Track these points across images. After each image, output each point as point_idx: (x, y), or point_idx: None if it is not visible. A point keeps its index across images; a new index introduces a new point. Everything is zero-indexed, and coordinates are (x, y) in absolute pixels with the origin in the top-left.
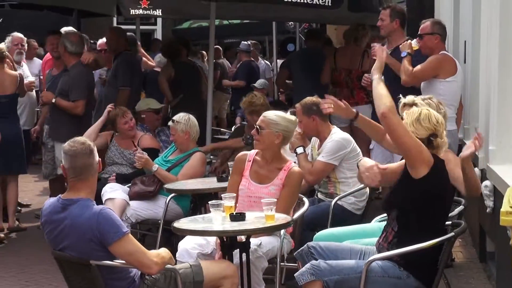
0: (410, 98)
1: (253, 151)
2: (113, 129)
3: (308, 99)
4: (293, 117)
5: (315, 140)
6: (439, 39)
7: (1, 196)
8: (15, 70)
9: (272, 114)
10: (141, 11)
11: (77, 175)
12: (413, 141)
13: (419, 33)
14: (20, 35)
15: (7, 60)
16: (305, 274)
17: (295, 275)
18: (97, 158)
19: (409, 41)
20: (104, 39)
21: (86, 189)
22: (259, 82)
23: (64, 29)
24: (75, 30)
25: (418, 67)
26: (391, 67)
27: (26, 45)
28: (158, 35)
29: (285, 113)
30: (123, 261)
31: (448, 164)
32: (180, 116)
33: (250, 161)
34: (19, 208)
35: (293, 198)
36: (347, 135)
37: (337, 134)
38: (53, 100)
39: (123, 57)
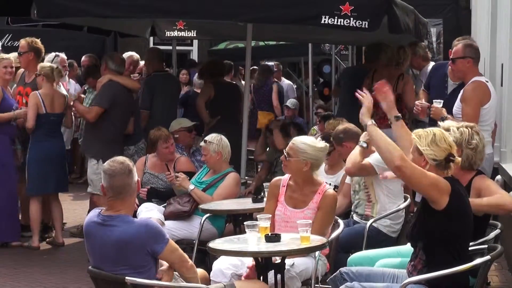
0: (447, 124)
1: (287, 176)
2: (152, 151)
3: (336, 128)
4: (322, 144)
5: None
6: (471, 63)
7: (41, 214)
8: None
9: (300, 142)
10: (176, 33)
11: (115, 194)
12: (430, 179)
13: (451, 57)
14: (64, 56)
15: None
16: None
17: None
18: (136, 177)
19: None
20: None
21: (125, 209)
22: (291, 102)
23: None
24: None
25: (465, 114)
26: None
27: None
28: (194, 55)
29: (314, 139)
30: (160, 283)
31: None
32: (213, 137)
33: (284, 186)
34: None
35: (328, 220)
36: None
37: None
38: (71, 103)
39: (149, 79)
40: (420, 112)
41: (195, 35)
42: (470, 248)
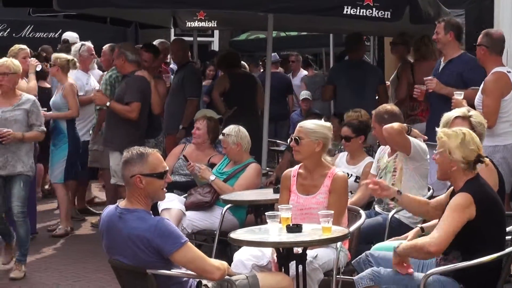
0: (463, 110)
1: (296, 166)
2: (187, 134)
3: (382, 107)
4: (328, 124)
5: (383, 150)
6: (486, 51)
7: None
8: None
9: (308, 123)
10: (197, 23)
11: (125, 184)
12: (459, 215)
13: (474, 44)
14: (91, 44)
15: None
16: (365, 278)
17: (354, 278)
18: (139, 171)
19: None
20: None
21: (139, 199)
22: (307, 93)
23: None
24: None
25: (485, 105)
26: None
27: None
28: (215, 46)
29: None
30: (181, 270)
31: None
32: (230, 129)
33: (294, 176)
34: (83, 217)
35: (342, 203)
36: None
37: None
38: (108, 104)
39: (189, 68)
40: (419, 95)
41: (215, 25)
42: None
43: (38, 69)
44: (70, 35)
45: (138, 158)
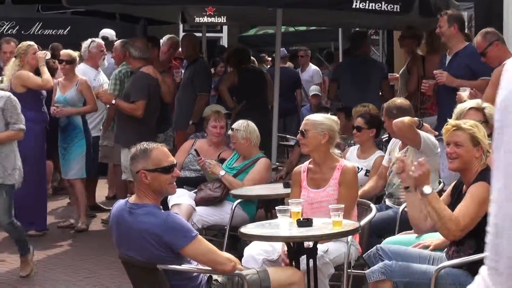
0: (477, 102)
1: (306, 162)
2: (198, 130)
3: (392, 101)
4: (334, 117)
5: (394, 143)
6: (500, 44)
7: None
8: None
9: (314, 116)
10: (206, 19)
11: (133, 179)
12: (483, 207)
13: (479, 52)
14: (101, 41)
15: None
16: (376, 272)
17: (365, 272)
18: (144, 167)
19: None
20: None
21: (147, 194)
22: (315, 88)
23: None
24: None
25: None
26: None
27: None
28: (224, 42)
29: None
30: (191, 266)
31: None
32: (239, 124)
33: (305, 171)
34: (94, 213)
35: (352, 195)
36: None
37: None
38: (113, 101)
39: (199, 63)
40: (427, 89)
41: (224, 21)
42: None
43: (48, 57)
44: (109, 32)
45: (142, 154)
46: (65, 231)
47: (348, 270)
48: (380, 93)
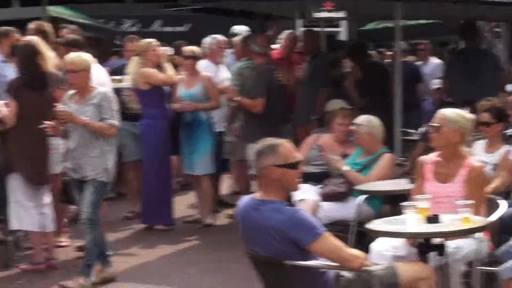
0: None
1: (432, 154)
2: (321, 125)
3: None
4: (470, 115)
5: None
6: None
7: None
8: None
9: (449, 112)
10: (324, 14)
11: (258, 175)
12: None
13: None
14: (222, 37)
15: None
16: (509, 270)
17: (497, 269)
18: (274, 162)
19: None
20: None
21: (274, 190)
22: (437, 82)
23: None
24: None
25: None
26: None
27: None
28: (343, 36)
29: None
30: (318, 261)
31: None
32: (362, 119)
33: (430, 163)
34: (219, 208)
35: (480, 193)
36: None
37: None
38: (238, 98)
39: (320, 58)
40: None
41: (343, 15)
42: None
43: (171, 53)
44: (240, 29)
45: (269, 150)
46: (191, 226)
47: (479, 267)
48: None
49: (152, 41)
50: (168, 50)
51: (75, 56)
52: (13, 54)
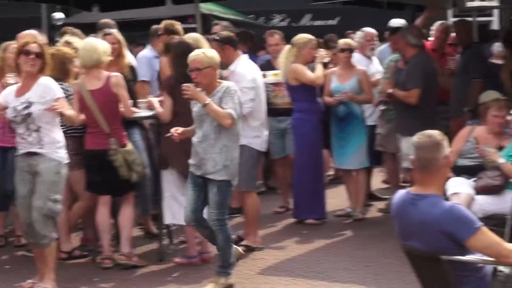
0: None
1: None
2: (474, 117)
3: None
4: None
5: None
6: None
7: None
8: None
9: None
10: (476, 3)
11: (421, 168)
12: None
13: None
14: (372, 30)
15: None
16: None
17: None
18: (445, 152)
19: None
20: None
21: (433, 184)
22: None
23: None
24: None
25: None
26: None
27: (377, 40)
28: (495, 26)
29: None
30: (476, 256)
31: None
32: None
33: None
34: (370, 202)
35: None
36: None
37: None
38: (390, 90)
39: (473, 49)
40: None
41: (496, 4)
42: None
43: (326, 60)
44: (398, 22)
45: (432, 143)
46: (342, 220)
47: None
48: None
49: (312, 38)
50: (327, 56)
51: (199, 53)
52: (167, 52)
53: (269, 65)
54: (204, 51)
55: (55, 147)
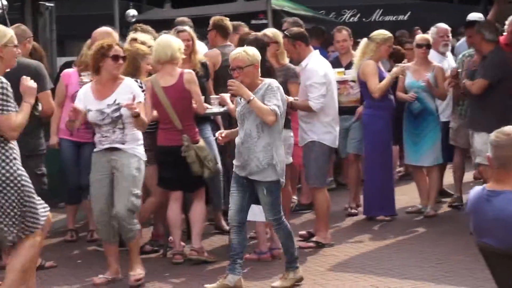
0: None
1: None
2: None
3: None
4: None
5: None
6: None
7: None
8: None
9: None
10: None
11: (499, 166)
12: None
13: None
14: (445, 26)
15: None
16: None
17: None
18: None
19: None
20: None
21: (510, 181)
22: None
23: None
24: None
25: None
26: None
27: (450, 36)
28: None
29: None
30: None
31: None
32: None
33: None
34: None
35: None
36: None
37: None
38: (465, 82)
39: None
40: None
41: None
42: None
43: (400, 76)
44: (475, 16)
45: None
46: (413, 216)
47: None
48: None
49: (391, 36)
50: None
51: (240, 51)
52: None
53: (337, 62)
54: (246, 49)
55: (136, 144)
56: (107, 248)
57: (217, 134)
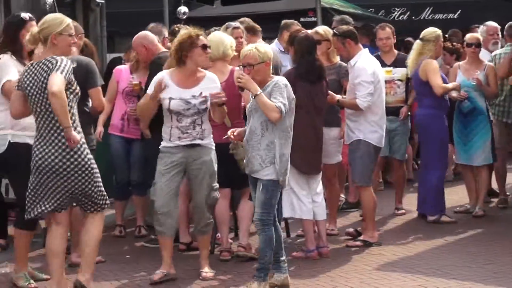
0: None
1: None
2: None
3: None
4: None
5: None
6: None
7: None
8: None
9: None
10: None
11: None
12: None
13: None
14: (494, 24)
15: None
16: None
17: None
18: None
19: None
20: None
21: None
22: None
23: None
24: None
25: None
26: None
27: (500, 34)
28: None
29: None
30: None
31: None
32: None
33: None
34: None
35: None
36: None
37: None
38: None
39: None
40: None
41: None
42: None
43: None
44: None
45: None
46: (462, 216)
47: None
48: None
49: (440, 32)
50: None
51: (252, 48)
52: (290, 45)
53: (379, 61)
54: (257, 47)
55: (211, 138)
56: (163, 241)
57: (229, 132)
